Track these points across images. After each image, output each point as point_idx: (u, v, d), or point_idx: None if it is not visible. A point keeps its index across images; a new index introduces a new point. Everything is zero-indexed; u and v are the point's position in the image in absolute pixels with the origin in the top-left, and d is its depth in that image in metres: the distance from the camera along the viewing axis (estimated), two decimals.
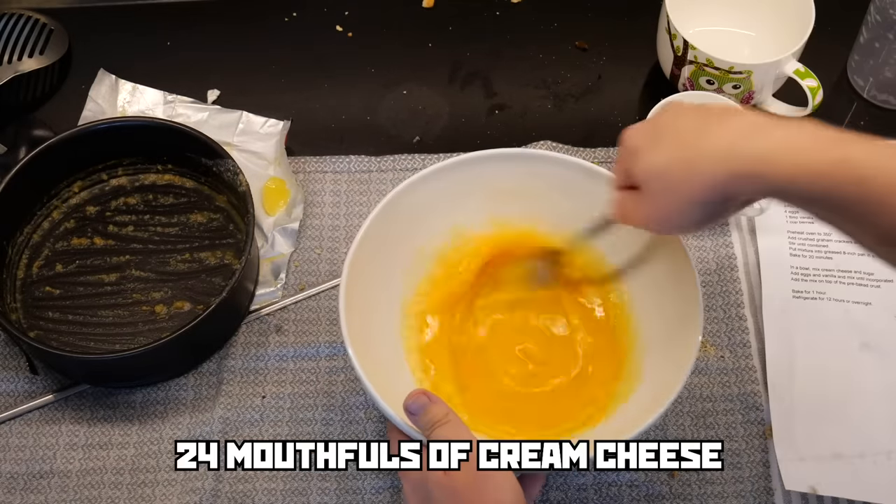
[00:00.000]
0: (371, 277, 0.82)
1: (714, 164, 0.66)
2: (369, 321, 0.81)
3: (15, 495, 0.85)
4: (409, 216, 0.85)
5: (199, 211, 0.97)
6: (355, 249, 0.80)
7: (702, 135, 0.68)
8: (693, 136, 0.68)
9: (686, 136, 0.68)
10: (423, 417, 0.71)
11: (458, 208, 0.87)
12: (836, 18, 1.02)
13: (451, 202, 0.86)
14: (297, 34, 1.10)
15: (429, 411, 0.71)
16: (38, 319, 0.91)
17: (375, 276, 0.82)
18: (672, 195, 0.69)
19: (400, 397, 0.73)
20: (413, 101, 1.06)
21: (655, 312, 0.83)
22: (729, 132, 0.67)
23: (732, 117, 0.68)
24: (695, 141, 0.68)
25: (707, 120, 0.69)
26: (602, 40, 1.09)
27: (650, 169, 0.70)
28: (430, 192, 0.85)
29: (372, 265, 0.82)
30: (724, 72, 0.96)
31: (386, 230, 0.83)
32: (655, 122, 0.72)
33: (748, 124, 0.67)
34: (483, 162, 0.86)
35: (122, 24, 1.11)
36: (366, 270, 0.81)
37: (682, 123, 0.70)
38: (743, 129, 0.66)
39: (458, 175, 0.85)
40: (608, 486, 0.85)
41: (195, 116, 1.02)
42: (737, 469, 0.85)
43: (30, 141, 1.03)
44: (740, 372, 0.90)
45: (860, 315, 0.91)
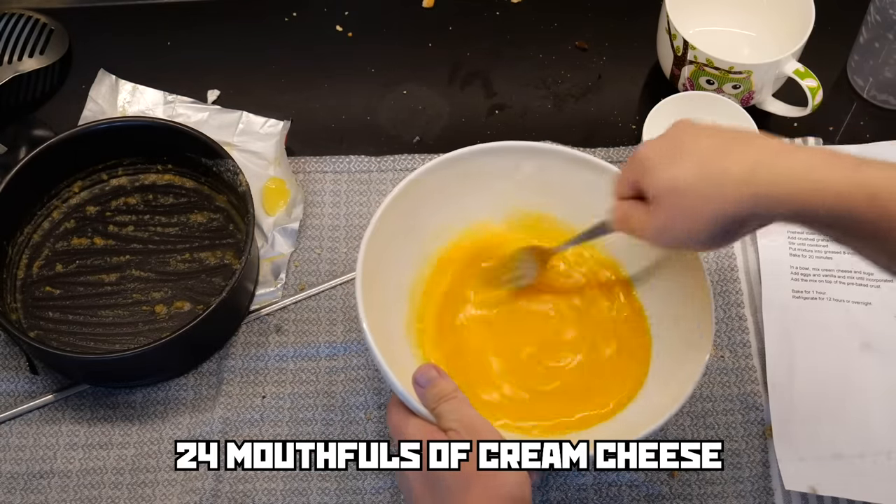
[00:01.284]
0: (386, 261, 0.82)
1: (737, 184, 0.67)
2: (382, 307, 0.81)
3: (15, 495, 0.85)
4: (426, 202, 0.85)
5: (199, 211, 0.97)
6: (374, 226, 0.81)
7: (725, 154, 0.68)
8: (716, 154, 0.68)
9: (708, 154, 0.69)
10: (431, 390, 0.72)
11: (473, 199, 0.88)
12: (836, 18, 1.02)
13: (464, 192, 0.87)
14: (297, 34, 1.10)
15: (437, 384, 0.72)
16: (38, 319, 0.91)
17: (390, 259, 0.83)
18: (687, 211, 0.69)
19: (406, 377, 0.74)
20: (413, 101, 1.06)
21: (668, 321, 0.84)
22: (752, 152, 0.67)
23: (755, 139, 0.69)
24: (718, 159, 0.68)
25: (730, 140, 0.69)
26: (602, 40, 1.09)
27: (667, 184, 0.70)
28: (445, 179, 0.85)
29: (388, 248, 0.82)
30: (724, 72, 0.96)
31: (402, 215, 0.83)
32: (675, 137, 0.72)
33: (771, 147, 0.68)
34: (506, 153, 0.86)
35: (122, 24, 1.11)
36: (383, 253, 0.82)
37: (704, 142, 0.70)
38: (766, 150, 0.67)
39: (473, 165, 0.86)
40: (608, 487, 0.85)
41: (195, 116, 1.02)
42: (737, 469, 0.85)
43: (30, 141, 1.03)
44: (740, 372, 0.90)
45: (860, 315, 0.91)
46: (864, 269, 0.93)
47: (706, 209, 0.68)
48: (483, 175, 0.87)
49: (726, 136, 0.70)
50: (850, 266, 0.93)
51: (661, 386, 0.80)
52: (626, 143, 1.01)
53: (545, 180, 0.87)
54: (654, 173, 0.71)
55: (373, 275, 0.80)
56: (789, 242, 0.95)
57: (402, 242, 0.85)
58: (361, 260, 0.79)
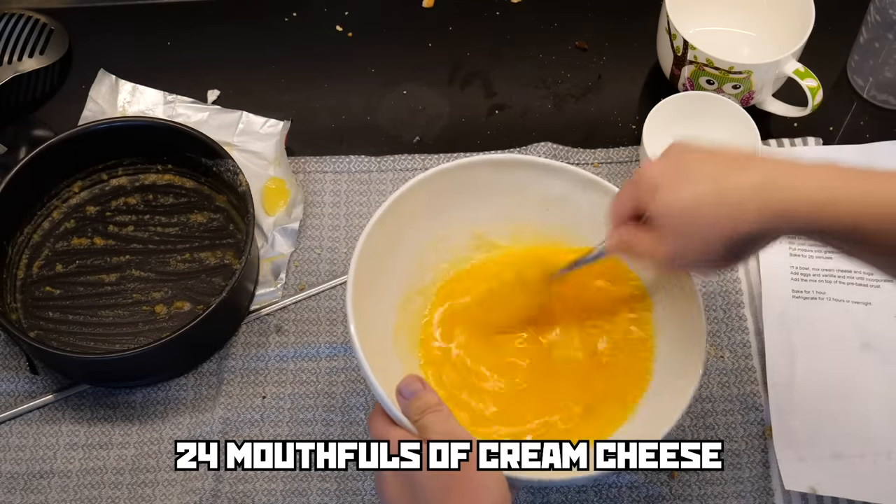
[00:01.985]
0: (381, 265, 0.82)
1: (750, 201, 0.66)
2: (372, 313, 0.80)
3: (15, 495, 0.85)
4: (423, 209, 0.84)
5: (199, 211, 0.97)
6: (368, 232, 0.80)
7: (733, 172, 0.68)
8: (724, 173, 0.68)
9: (717, 174, 0.68)
10: (416, 402, 0.71)
11: (474, 210, 0.87)
12: (836, 18, 1.02)
13: (467, 203, 0.86)
14: (296, 34, 1.10)
15: (422, 397, 0.71)
16: (38, 319, 0.91)
17: (385, 263, 0.82)
18: (702, 231, 0.68)
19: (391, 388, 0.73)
20: (413, 101, 1.06)
21: (661, 345, 0.84)
22: (760, 170, 0.67)
23: (757, 158, 0.69)
24: (727, 178, 0.68)
25: (733, 159, 0.69)
26: (602, 40, 1.09)
27: (674, 205, 0.69)
28: (444, 189, 0.85)
29: (384, 252, 0.82)
30: (724, 72, 0.96)
31: (397, 220, 0.83)
32: (677, 159, 0.71)
33: (776, 163, 0.68)
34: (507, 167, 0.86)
35: (122, 24, 1.11)
36: (379, 256, 0.81)
37: (708, 163, 0.69)
38: (774, 167, 0.67)
39: (476, 175, 0.85)
40: (608, 488, 0.85)
41: (195, 116, 1.02)
42: (737, 469, 0.85)
43: (30, 141, 1.03)
44: (740, 372, 0.90)
45: (860, 315, 0.91)
46: (864, 270, 0.93)
47: (720, 229, 0.67)
48: (489, 185, 0.86)
49: (728, 155, 0.70)
50: (850, 266, 0.93)
51: (656, 404, 0.80)
52: (626, 143, 1.01)
53: (551, 198, 0.86)
54: (662, 195, 0.70)
55: (366, 278, 0.79)
56: (789, 242, 0.95)
57: (400, 246, 0.84)
58: (356, 261, 0.78)
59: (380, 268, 0.82)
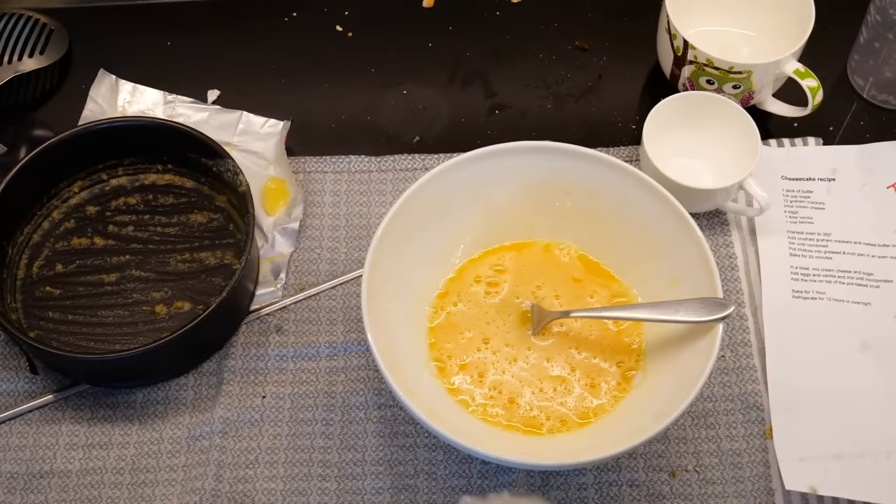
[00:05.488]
0: (400, 257, 0.83)
1: None
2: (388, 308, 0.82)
3: (15, 495, 0.85)
4: (437, 204, 0.86)
5: (199, 211, 0.97)
6: (383, 230, 0.82)
7: None
8: None
9: None
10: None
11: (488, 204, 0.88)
12: (836, 18, 1.02)
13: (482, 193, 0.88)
14: (297, 34, 1.10)
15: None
16: (38, 319, 0.91)
17: (406, 255, 0.84)
18: None
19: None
20: (413, 101, 1.06)
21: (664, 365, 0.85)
22: None
23: None
24: None
25: None
26: (602, 40, 1.09)
27: None
28: (461, 182, 0.86)
29: (404, 243, 0.84)
30: (724, 72, 0.96)
31: (426, 207, 0.85)
32: None
33: None
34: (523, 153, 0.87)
35: (122, 24, 1.11)
36: (399, 245, 0.83)
37: None
38: None
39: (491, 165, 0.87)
40: (609, 486, 0.85)
41: (195, 116, 1.02)
42: (737, 469, 0.85)
43: (30, 141, 1.03)
44: (740, 372, 0.90)
45: (860, 315, 0.91)
46: (863, 270, 0.93)
47: None
48: (518, 170, 0.88)
49: None
50: (850, 266, 0.93)
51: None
52: (626, 143, 1.01)
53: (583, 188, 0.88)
54: None
55: (383, 270, 0.81)
56: (789, 242, 0.95)
57: (422, 238, 0.86)
58: (373, 247, 0.80)
59: (396, 259, 0.83)
